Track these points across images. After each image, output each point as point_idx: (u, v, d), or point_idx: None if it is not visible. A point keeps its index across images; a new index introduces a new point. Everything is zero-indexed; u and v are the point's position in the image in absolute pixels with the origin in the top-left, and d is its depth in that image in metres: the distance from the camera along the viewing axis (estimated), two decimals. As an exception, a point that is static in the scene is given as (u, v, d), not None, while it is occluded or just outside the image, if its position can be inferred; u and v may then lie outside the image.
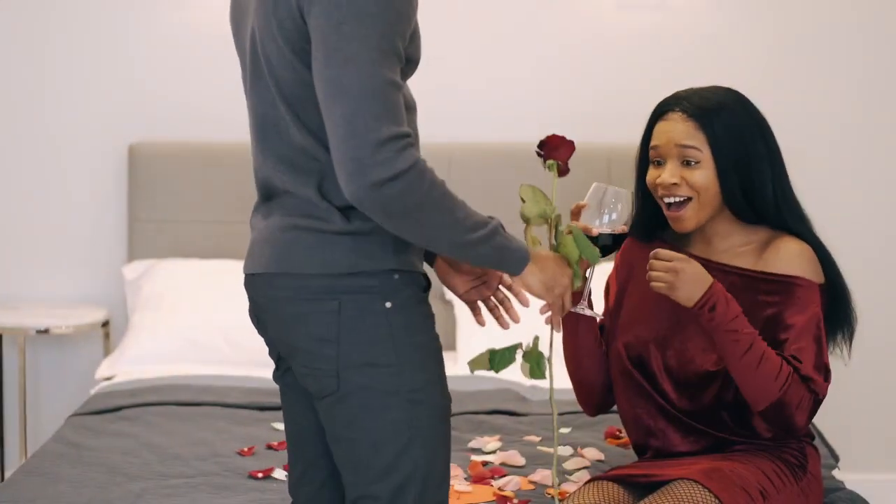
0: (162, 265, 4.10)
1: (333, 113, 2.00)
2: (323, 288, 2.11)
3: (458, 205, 2.09)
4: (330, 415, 2.16)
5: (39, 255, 4.30)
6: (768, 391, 2.48)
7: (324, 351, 2.12)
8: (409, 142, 2.02)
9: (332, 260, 2.11)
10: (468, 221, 2.09)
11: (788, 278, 2.57)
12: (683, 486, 2.49)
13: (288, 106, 2.12)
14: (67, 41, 4.24)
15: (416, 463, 2.14)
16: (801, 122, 4.23)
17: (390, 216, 2.02)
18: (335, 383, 2.13)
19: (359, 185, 1.99)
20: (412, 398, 2.13)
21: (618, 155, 4.13)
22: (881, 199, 4.30)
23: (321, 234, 2.12)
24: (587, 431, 3.25)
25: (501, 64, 4.26)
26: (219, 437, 3.18)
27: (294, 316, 2.14)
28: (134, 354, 3.87)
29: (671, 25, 4.25)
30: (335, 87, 2.00)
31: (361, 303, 2.11)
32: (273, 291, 2.17)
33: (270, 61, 2.11)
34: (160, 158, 4.19)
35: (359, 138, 1.98)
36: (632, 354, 2.67)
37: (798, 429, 2.54)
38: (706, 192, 2.59)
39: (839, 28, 4.25)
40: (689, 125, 2.59)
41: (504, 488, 2.83)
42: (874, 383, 4.32)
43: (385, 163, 1.99)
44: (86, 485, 2.83)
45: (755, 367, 2.47)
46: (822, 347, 2.55)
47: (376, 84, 1.99)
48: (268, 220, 2.20)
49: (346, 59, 1.99)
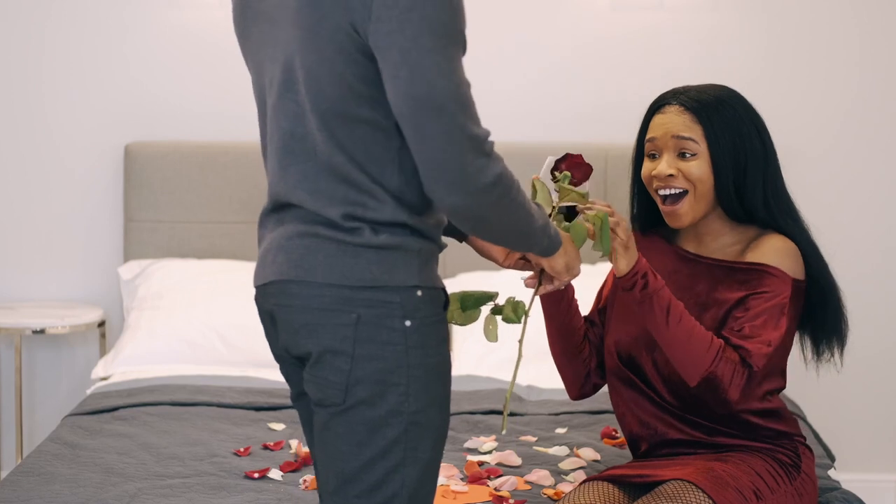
0: (158, 265, 4.10)
1: (426, 129, 1.97)
2: (341, 299, 2.06)
3: (532, 214, 2.13)
4: (327, 424, 2.12)
5: (35, 256, 4.30)
6: (699, 364, 2.48)
7: (336, 363, 2.07)
8: (493, 141, 2.04)
9: (352, 271, 2.05)
10: (534, 212, 2.13)
11: (761, 266, 2.57)
12: (678, 486, 2.49)
13: (324, 123, 2.05)
14: (63, 42, 4.23)
15: (405, 483, 2.10)
16: (796, 122, 4.23)
17: (486, 220, 2.05)
18: (342, 396, 2.08)
19: (464, 193, 1.99)
20: (413, 420, 2.09)
21: (614, 154, 4.13)
22: (878, 198, 4.30)
23: (342, 244, 2.06)
24: (583, 432, 3.25)
25: (497, 64, 4.26)
26: (215, 438, 3.18)
27: (306, 325, 2.09)
28: (130, 354, 3.87)
29: (667, 25, 4.25)
30: (426, 104, 1.96)
31: (380, 318, 2.06)
32: (287, 299, 2.11)
33: (312, 76, 2.04)
34: (156, 159, 4.19)
35: (457, 147, 1.97)
36: (622, 351, 2.67)
37: (732, 404, 2.55)
38: (702, 185, 2.59)
39: (834, 28, 4.26)
40: (686, 117, 2.60)
41: (500, 488, 2.83)
42: (870, 383, 4.32)
43: (485, 168, 2.00)
44: (82, 485, 2.83)
45: (686, 340, 2.48)
46: (776, 326, 2.53)
47: (462, 91, 1.99)
48: (281, 228, 2.13)
49: (435, 74, 1.96)
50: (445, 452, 3.09)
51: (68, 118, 4.26)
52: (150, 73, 4.25)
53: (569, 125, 4.27)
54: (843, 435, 4.22)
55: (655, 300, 2.48)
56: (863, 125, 4.28)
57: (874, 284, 4.26)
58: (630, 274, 2.48)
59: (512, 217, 2.07)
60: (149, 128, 4.25)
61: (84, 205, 4.29)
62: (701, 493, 2.47)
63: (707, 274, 2.63)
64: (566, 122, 4.27)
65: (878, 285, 4.27)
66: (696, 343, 2.48)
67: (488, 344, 3.87)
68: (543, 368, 3.62)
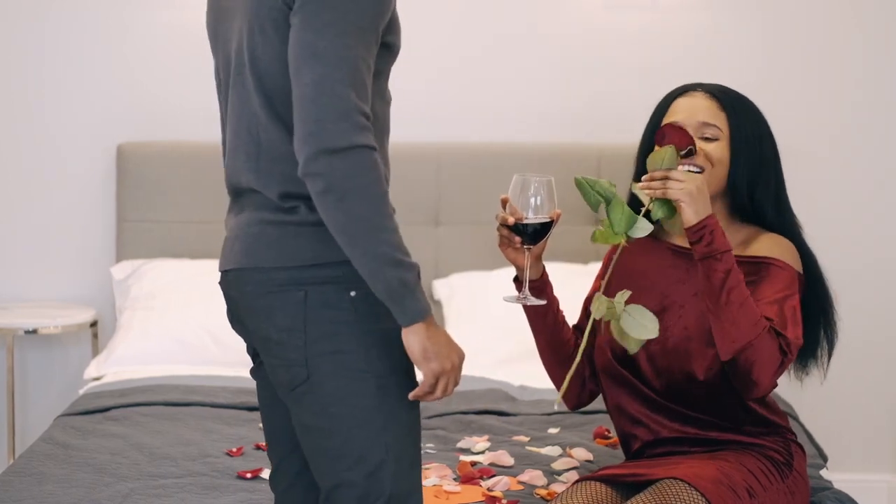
0: (150, 265, 4.10)
1: (304, 76, 2.04)
2: (289, 280, 2.15)
3: (390, 217, 2.08)
4: (301, 405, 2.19)
5: (28, 256, 4.29)
6: (742, 335, 2.46)
7: (292, 341, 2.15)
8: (369, 123, 2.05)
9: (296, 252, 2.15)
10: (394, 238, 2.07)
11: (766, 259, 2.59)
12: (670, 485, 2.50)
13: (266, 100, 2.15)
14: (56, 41, 4.23)
15: (388, 447, 2.16)
16: (792, 122, 4.23)
17: (327, 191, 2.04)
18: (305, 372, 2.16)
19: (313, 149, 2.03)
20: (380, 384, 2.15)
21: (608, 154, 4.13)
22: (870, 198, 4.30)
23: (285, 226, 2.15)
24: (576, 432, 3.25)
25: (491, 64, 4.26)
26: (207, 438, 3.18)
27: (263, 308, 2.18)
28: (122, 355, 3.87)
29: (661, 25, 4.25)
30: (310, 51, 2.04)
31: (327, 293, 2.14)
32: (244, 287, 2.21)
33: (255, 56, 2.14)
34: (149, 159, 4.18)
35: (325, 101, 2.02)
36: (615, 346, 2.67)
37: (761, 389, 2.52)
38: (720, 166, 2.62)
39: (829, 27, 4.26)
40: (712, 103, 2.65)
41: (493, 488, 2.83)
42: (862, 383, 4.32)
43: (345, 132, 2.03)
44: (74, 485, 2.83)
45: (740, 305, 2.47)
46: (796, 320, 2.53)
47: (350, 55, 2.04)
48: (238, 217, 2.24)
49: (325, 25, 2.03)
50: (438, 452, 3.09)
51: (61, 117, 4.25)
52: (143, 73, 4.24)
53: (562, 124, 4.27)
54: (835, 435, 4.22)
55: (718, 260, 2.47)
56: (858, 125, 4.28)
57: (867, 284, 4.26)
58: (698, 226, 2.48)
59: (359, 211, 2.04)
60: (142, 128, 4.25)
61: (77, 205, 4.28)
62: (694, 492, 2.47)
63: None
64: (559, 122, 4.27)
65: (870, 285, 4.28)
66: (746, 314, 2.47)
67: (480, 344, 3.87)
68: (535, 368, 3.62)
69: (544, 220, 2.46)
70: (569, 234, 3.94)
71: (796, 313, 2.55)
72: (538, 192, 2.44)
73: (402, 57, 2.47)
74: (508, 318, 3.51)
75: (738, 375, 2.52)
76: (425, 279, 4.16)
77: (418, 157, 4.17)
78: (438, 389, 2.15)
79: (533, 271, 2.60)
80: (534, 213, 2.46)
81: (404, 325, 2.11)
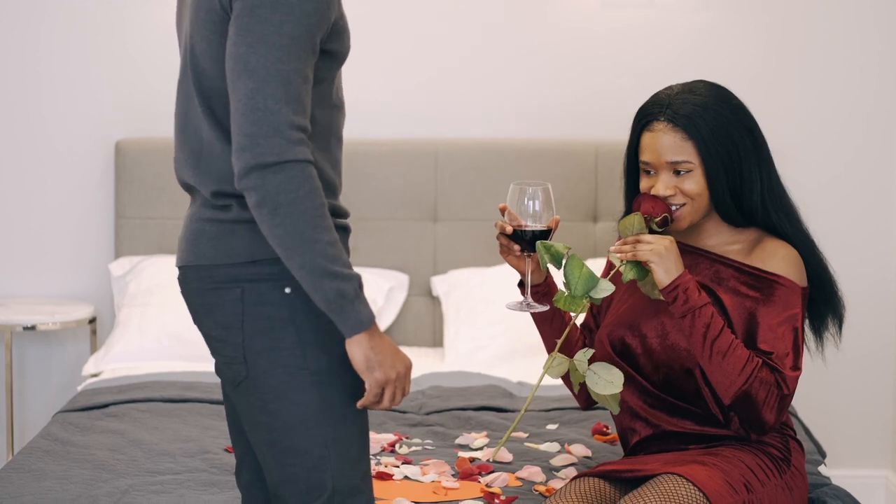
0: (148, 262, 4.10)
1: (238, 90, 2.05)
2: (227, 277, 2.16)
3: (327, 229, 2.07)
4: (245, 401, 2.21)
5: (26, 252, 4.29)
6: (734, 381, 2.50)
7: (231, 338, 2.18)
8: (305, 137, 2.06)
9: (232, 249, 2.16)
10: (330, 251, 2.07)
11: (772, 276, 2.59)
12: (668, 479, 2.50)
13: (203, 99, 2.16)
14: (54, 39, 4.23)
15: (328, 443, 2.16)
16: (789, 120, 4.23)
17: (261, 205, 2.05)
18: (244, 369, 2.17)
19: (246, 163, 2.04)
20: (318, 380, 2.15)
21: (605, 151, 4.13)
22: (868, 198, 4.30)
23: (221, 224, 2.17)
24: (574, 428, 3.25)
25: (488, 61, 4.26)
26: (206, 434, 3.18)
27: (205, 306, 2.21)
28: (121, 351, 3.87)
29: (658, 23, 4.25)
30: (242, 65, 2.05)
31: (263, 289, 2.15)
32: (189, 284, 2.24)
33: (195, 55, 2.16)
34: (147, 155, 4.18)
35: (257, 116, 2.03)
36: (614, 339, 2.68)
37: (768, 426, 2.56)
38: (700, 198, 2.62)
39: (828, 25, 4.26)
40: (676, 137, 2.59)
41: (491, 485, 2.83)
42: (860, 379, 4.33)
43: (276, 147, 2.03)
44: (72, 481, 2.83)
45: (724, 355, 2.50)
46: (797, 348, 2.57)
47: (282, 69, 2.04)
48: (189, 213, 2.26)
49: (257, 40, 2.04)
50: (437, 449, 3.09)
51: (59, 114, 4.25)
52: (140, 70, 4.24)
53: (559, 122, 4.27)
54: (833, 431, 4.22)
55: (697, 316, 2.50)
56: (857, 123, 4.28)
57: (865, 281, 4.26)
58: (671, 287, 2.50)
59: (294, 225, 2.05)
60: (140, 124, 4.24)
61: (75, 201, 4.28)
62: (692, 486, 2.47)
63: (708, 266, 2.65)
64: (557, 118, 4.27)
65: (868, 282, 4.28)
66: (733, 362, 2.50)
67: (477, 339, 3.88)
68: (534, 364, 3.63)
69: (542, 228, 2.48)
70: (568, 232, 3.95)
71: (798, 339, 2.57)
72: (535, 198, 2.47)
73: (401, 54, 2.51)
74: (506, 315, 3.52)
75: (743, 417, 2.56)
76: (423, 275, 4.16)
77: (416, 154, 4.17)
78: (385, 399, 2.14)
79: (536, 276, 2.60)
80: (532, 221, 2.47)
81: (346, 335, 2.10)
